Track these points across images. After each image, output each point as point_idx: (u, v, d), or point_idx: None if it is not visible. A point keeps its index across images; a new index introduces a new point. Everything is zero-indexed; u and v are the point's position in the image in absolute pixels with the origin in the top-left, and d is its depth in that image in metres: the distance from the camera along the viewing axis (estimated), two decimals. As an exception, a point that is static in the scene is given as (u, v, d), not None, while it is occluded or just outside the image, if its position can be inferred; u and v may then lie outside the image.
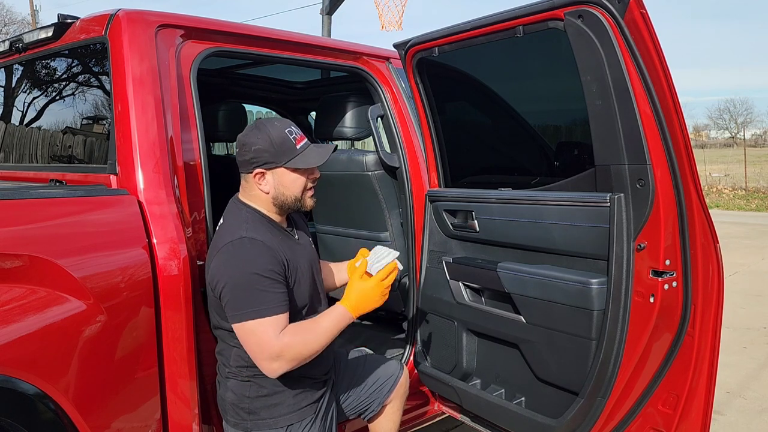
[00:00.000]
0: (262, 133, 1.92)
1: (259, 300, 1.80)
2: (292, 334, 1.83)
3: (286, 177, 1.94)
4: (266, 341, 1.80)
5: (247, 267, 1.82)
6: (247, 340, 1.83)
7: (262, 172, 1.93)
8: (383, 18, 8.07)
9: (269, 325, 1.80)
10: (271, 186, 1.94)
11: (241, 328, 1.82)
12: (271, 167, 1.92)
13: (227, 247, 1.85)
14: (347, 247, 3.24)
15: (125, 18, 2.12)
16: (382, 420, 2.33)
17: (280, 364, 1.82)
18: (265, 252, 1.85)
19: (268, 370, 1.84)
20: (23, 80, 2.81)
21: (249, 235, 1.87)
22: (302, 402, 1.98)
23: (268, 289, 1.81)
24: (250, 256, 1.83)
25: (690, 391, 2.18)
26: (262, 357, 1.82)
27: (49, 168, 2.52)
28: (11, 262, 1.71)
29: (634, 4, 1.81)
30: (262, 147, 1.90)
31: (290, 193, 1.96)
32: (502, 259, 2.40)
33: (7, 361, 1.63)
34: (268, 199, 1.96)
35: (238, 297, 1.81)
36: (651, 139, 1.90)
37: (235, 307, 1.81)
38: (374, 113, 2.84)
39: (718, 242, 2.14)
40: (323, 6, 8.12)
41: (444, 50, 2.43)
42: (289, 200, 1.97)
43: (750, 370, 4.37)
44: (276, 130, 1.92)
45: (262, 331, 1.80)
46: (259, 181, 1.95)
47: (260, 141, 1.91)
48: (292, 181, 1.95)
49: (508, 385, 2.47)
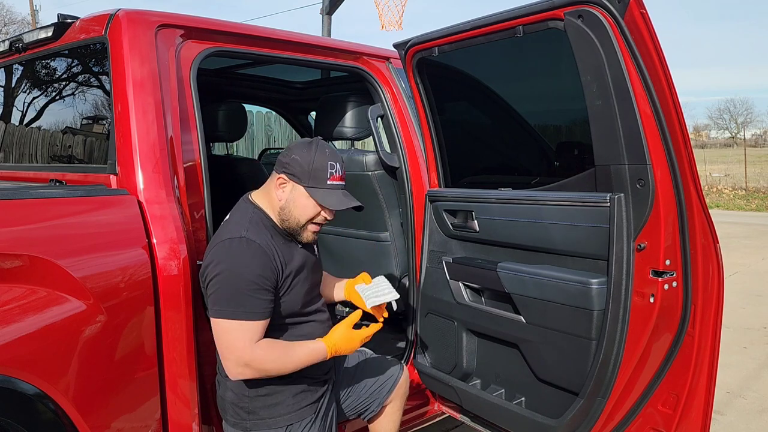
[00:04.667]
0: (310, 151, 1.97)
1: (242, 302, 1.82)
2: (266, 348, 1.86)
3: (301, 199, 1.97)
4: (239, 346, 1.83)
5: (238, 267, 1.84)
6: (220, 338, 1.85)
7: (286, 180, 1.97)
8: (383, 18, 8.06)
9: (245, 330, 1.83)
10: (286, 198, 1.98)
11: (217, 324, 1.85)
12: (295, 180, 1.96)
13: (225, 243, 1.88)
14: (347, 247, 3.24)
15: (125, 18, 2.12)
16: (382, 420, 2.33)
17: (245, 372, 1.86)
18: (259, 256, 1.86)
19: (231, 372, 1.87)
20: (23, 80, 2.81)
21: (248, 236, 1.88)
22: (302, 402, 1.99)
23: (253, 294, 1.83)
24: (244, 258, 1.85)
25: (690, 391, 2.18)
26: (230, 359, 1.84)
27: (49, 168, 2.52)
28: (11, 262, 1.71)
29: (634, 4, 1.80)
30: (301, 161, 1.95)
31: (297, 214, 1.98)
32: (502, 259, 2.39)
33: (7, 361, 1.63)
34: (278, 207, 1.99)
35: (222, 293, 1.83)
36: (651, 139, 1.90)
37: (217, 302, 1.84)
38: (374, 113, 2.84)
39: (718, 242, 2.14)
40: (323, 6, 8.11)
41: (444, 50, 2.43)
42: (292, 220, 1.98)
43: (750, 370, 4.37)
44: (321, 157, 1.96)
45: (237, 335, 1.82)
46: (280, 186, 1.98)
47: (303, 155, 1.96)
48: (304, 206, 1.97)
49: (508, 385, 2.47)
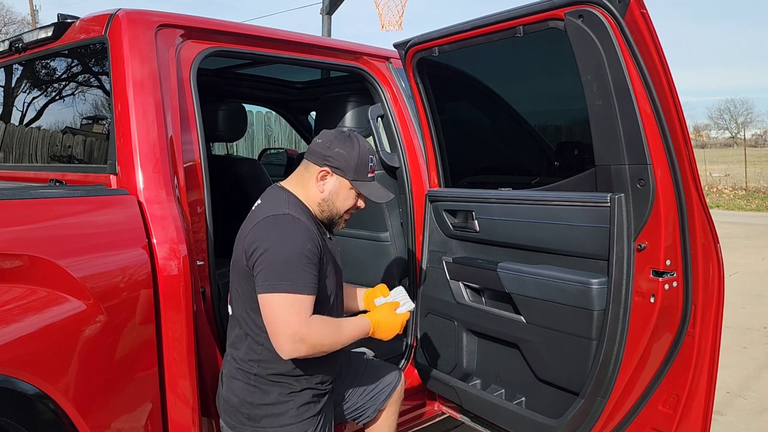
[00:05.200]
0: (354, 145, 1.99)
1: (295, 275, 1.79)
2: (320, 322, 1.84)
3: (343, 191, 2.01)
4: (295, 320, 1.77)
5: (289, 240, 1.83)
6: (275, 313, 1.78)
7: (329, 172, 1.99)
8: (383, 18, 8.06)
9: (301, 303, 1.79)
10: (329, 190, 2.00)
11: (270, 299, 1.79)
12: (339, 174, 1.98)
13: (270, 219, 1.87)
14: (347, 247, 3.23)
15: (125, 18, 2.12)
16: (377, 426, 2.33)
17: (299, 348, 1.78)
18: (306, 232, 1.88)
19: (284, 350, 1.79)
20: (23, 80, 2.81)
21: (292, 213, 1.90)
22: (305, 414, 1.96)
23: (305, 267, 1.82)
24: (293, 232, 1.85)
25: (690, 392, 2.17)
26: (285, 334, 1.77)
27: (49, 168, 2.52)
28: (11, 262, 1.71)
29: (635, 3, 1.80)
30: (345, 154, 1.97)
31: (339, 205, 2.02)
32: (503, 259, 2.39)
33: (7, 361, 1.63)
34: (318, 199, 2.00)
35: (273, 267, 1.80)
36: (651, 139, 1.90)
37: (269, 277, 1.79)
38: (374, 113, 2.84)
39: (718, 242, 2.14)
40: (323, 6, 8.11)
41: (444, 50, 2.43)
42: (333, 211, 2.03)
43: (750, 370, 4.36)
44: (364, 151, 2.01)
45: (292, 309, 1.78)
46: (321, 178, 1.99)
47: (347, 149, 1.98)
48: (345, 198, 2.02)
49: (508, 385, 2.47)
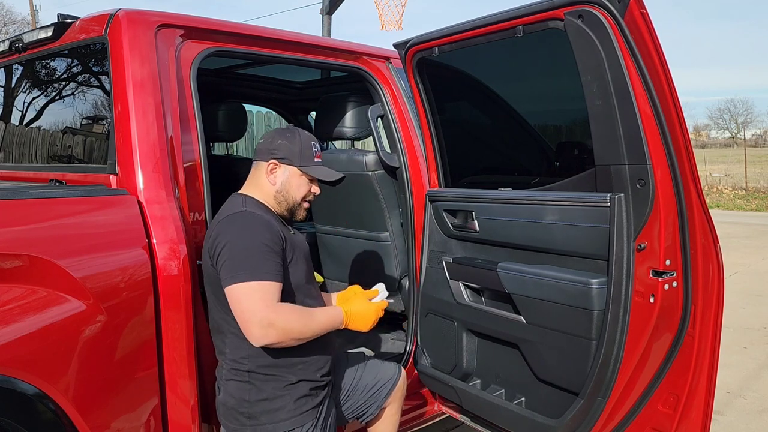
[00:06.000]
0: (294, 134, 2.08)
1: (257, 264, 1.82)
2: (288, 307, 1.86)
3: (294, 179, 2.07)
4: (261, 306, 1.78)
5: (247, 232, 1.88)
6: (241, 302, 1.80)
7: (276, 164, 2.05)
8: (383, 18, 8.05)
9: (265, 290, 1.81)
10: (280, 181, 2.06)
11: (235, 290, 1.81)
12: (286, 163, 2.05)
13: (230, 217, 1.93)
14: (347, 247, 3.24)
15: (125, 18, 2.12)
16: (380, 423, 2.32)
17: (269, 333, 1.78)
18: (265, 224, 1.93)
19: (255, 337, 1.79)
20: (23, 80, 2.81)
21: (249, 210, 1.96)
22: (303, 407, 1.96)
23: (266, 256, 1.85)
24: (252, 226, 1.91)
25: (690, 392, 2.17)
26: (253, 321, 1.77)
27: (49, 168, 2.52)
28: (11, 262, 1.71)
29: (635, 3, 1.80)
30: (287, 144, 2.06)
31: (293, 193, 2.08)
32: (502, 259, 2.39)
33: (7, 361, 1.63)
34: (272, 192, 2.06)
35: (235, 259, 1.83)
36: (651, 139, 1.90)
37: (231, 269, 1.82)
38: (374, 113, 2.84)
39: (718, 242, 2.14)
40: (323, 6, 8.11)
41: (444, 50, 2.43)
42: (290, 200, 2.08)
43: (750, 370, 4.37)
44: (305, 137, 2.10)
45: (256, 296, 1.79)
46: (271, 172, 2.06)
47: (288, 139, 2.07)
48: (298, 185, 2.08)
49: (508, 385, 2.46)
